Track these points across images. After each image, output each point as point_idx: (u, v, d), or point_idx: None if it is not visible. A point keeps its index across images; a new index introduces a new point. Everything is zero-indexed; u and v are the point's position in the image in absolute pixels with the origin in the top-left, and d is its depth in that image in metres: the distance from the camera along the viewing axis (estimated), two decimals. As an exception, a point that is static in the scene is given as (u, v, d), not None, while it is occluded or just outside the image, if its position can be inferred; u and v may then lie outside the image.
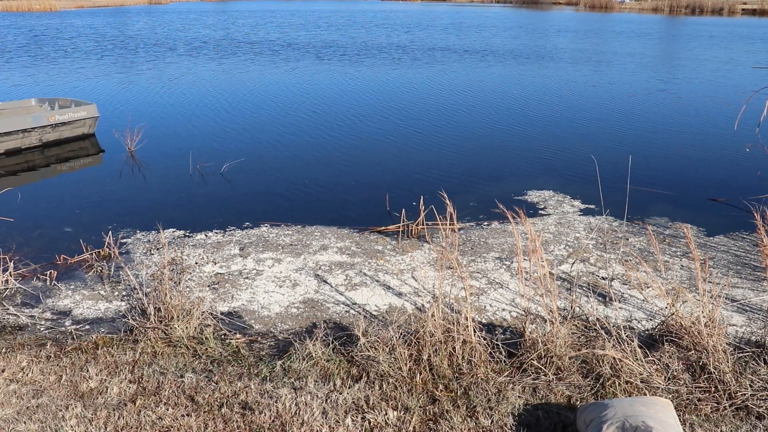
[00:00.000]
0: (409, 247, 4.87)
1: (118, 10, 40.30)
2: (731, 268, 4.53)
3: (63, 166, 7.73)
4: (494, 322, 3.69)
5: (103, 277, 4.36)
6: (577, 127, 9.83)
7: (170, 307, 3.39)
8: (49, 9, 38.25)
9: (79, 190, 6.78)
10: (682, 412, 2.69)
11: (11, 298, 3.99)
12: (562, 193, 6.31)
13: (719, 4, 47.08)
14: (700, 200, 6.32)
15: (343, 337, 3.33)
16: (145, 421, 2.64)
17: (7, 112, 8.43)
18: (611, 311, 3.77)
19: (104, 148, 8.34)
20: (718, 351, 2.88)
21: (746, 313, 3.80)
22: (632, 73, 15.79)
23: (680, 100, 12.32)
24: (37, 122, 8.01)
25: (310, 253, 4.73)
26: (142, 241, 5.02)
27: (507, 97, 12.37)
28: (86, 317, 3.77)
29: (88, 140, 8.58)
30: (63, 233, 5.34)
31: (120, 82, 13.35)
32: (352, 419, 2.64)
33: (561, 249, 4.84)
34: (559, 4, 56.05)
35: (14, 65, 15.81)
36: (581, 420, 2.49)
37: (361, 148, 8.34)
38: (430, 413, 2.71)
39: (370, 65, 16.64)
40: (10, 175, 7.24)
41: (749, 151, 7.40)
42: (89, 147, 8.37)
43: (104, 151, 8.26)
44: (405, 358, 2.98)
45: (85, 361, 3.13)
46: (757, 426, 2.62)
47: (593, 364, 2.97)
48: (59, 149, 8.20)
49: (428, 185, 6.43)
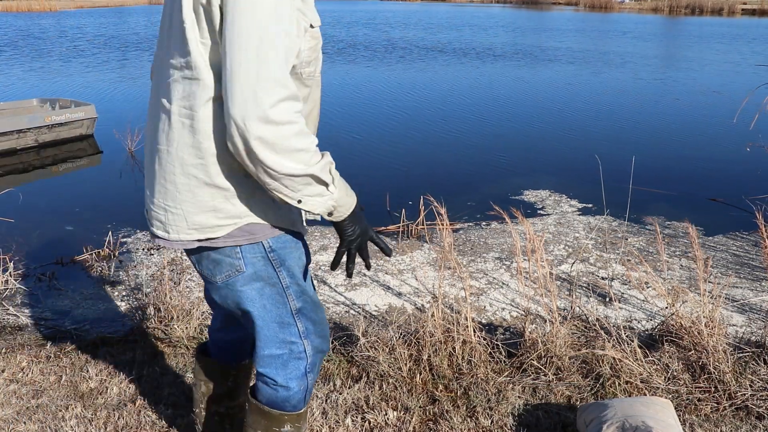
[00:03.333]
0: (409, 247, 4.87)
1: (118, 10, 40.32)
2: (731, 267, 4.53)
3: (61, 166, 7.73)
4: (494, 322, 3.69)
5: (103, 277, 4.36)
6: (576, 126, 9.84)
7: (170, 307, 3.39)
8: (49, 9, 38.26)
9: (79, 191, 6.79)
10: (682, 412, 2.70)
11: (11, 298, 3.99)
12: (562, 193, 6.32)
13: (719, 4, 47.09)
14: (700, 200, 6.33)
15: (343, 337, 3.33)
16: (145, 421, 2.64)
17: (6, 112, 8.38)
18: (611, 311, 3.77)
19: (104, 149, 8.33)
20: (718, 351, 2.88)
21: (746, 313, 3.80)
22: (632, 73, 15.80)
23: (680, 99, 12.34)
24: (33, 123, 7.94)
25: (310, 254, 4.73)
26: (142, 241, 5.03)
27: (507, 97, 12.37)
28: (86, 317, 3.78)
29: (87, 141, 8.55)
30: (63, 233, 5.34)
31: (120, 83, 13.35)
32: (351, 419, 2.64)
33: (561, 249, 4.85)
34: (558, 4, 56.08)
35: (14, 65, 15.82)
36: (581, 420, 2.49)
37: (361, 147, 8.35)
38: (430, 413, 2.71)
39: (370, 65, 16.65)
40: (8, 175, 7.24)
41: (749, 151, 7.40)
42: (87, 148, 8.36)
43: (103, 152, 8.25)
44: (405, 358, 2.98)
45: (85, 361, 3.13)
46: (757, 426, 2.62)
47: (593, 364, 2.98)
48: (56, 150, 8.16)
49: (428, 185, 6.43)
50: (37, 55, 17.67)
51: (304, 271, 1.83)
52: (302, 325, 1.82)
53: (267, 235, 1.70)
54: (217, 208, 1.61)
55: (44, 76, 14.22)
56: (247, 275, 1.72)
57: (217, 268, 1.73)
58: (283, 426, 1.90)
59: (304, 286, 1.82)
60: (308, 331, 1.84)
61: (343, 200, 1.66)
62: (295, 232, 1.78)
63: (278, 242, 1.73)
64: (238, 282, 1.73)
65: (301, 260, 1.81)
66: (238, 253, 1.68)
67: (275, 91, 1.44)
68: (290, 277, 1.77)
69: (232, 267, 1.71)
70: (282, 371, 1.84)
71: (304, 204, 1.58)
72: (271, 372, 1.84)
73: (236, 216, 1.63)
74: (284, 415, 1.88)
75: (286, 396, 1.86)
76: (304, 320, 1.83)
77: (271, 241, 1.71)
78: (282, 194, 1.55)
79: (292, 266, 1.78)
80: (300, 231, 1.80)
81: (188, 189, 1.60)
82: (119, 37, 22.90)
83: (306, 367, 1.86)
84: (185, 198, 1.61)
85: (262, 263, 1.72)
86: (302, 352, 1.84)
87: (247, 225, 1.65)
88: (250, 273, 1.72)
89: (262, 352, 1.82)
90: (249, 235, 1.67)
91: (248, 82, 1.41)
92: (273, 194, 1.56)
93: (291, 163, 1.49)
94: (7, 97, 10.71)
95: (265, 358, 1.83)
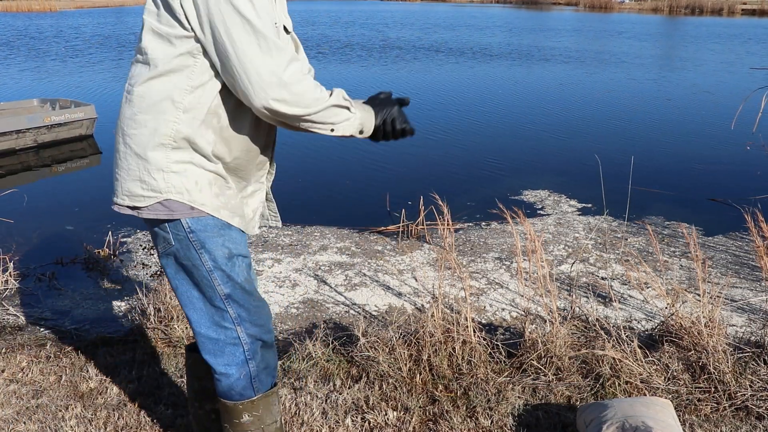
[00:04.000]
0: (409, 248, 4.87)
1: (118, 10, 40.30)
2: (731, 268, 4.54)
3: (61, 166, 7.72)
4: (494, 323, 3.69)
5: (103, 277, 4.36)
6: (575, 126, 9.84)
7: (170, 307, 3.39)
8: (48, 9, 38.25)
9: (79, 191, 6.79)
10: (682, 412, 2.70)
11: (11, 298, 3.99)
12: (561, 193, 6.32)
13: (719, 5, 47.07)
14: (699, 200, 6.33)
15: (343, 337, 3.33)
16: (145, 421, 2.64)
17: (6, 113, 8.35)
18: (611, 311, 3.77)
19: (103, 149, 8.32)
20: (718, 351, 2.88)
21: (746, 313, 3.80)
22: (631, 73, 15.80)
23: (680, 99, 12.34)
24: (32, 123, 7.91)
25: (310, 254, 4.73)
26: (142, 241, 5.02)
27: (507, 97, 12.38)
28: (86, 317, 3.78)
29: (86, 141, 8.53)
30: (63, 233, 5.34)
31: (121, 83, 13.33)
32: (351, 419, 2.64)
33: (561, 249, 4.85)
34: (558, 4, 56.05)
35: (14, 65, 15.81)
36: (581, 420, 2.49)
37: (361, 147, 8.35)
38: (430, 413, 2.71)
39: (370, 65, 16.65)
40: (8, 175, 7.24)
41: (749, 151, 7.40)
42: (87, 148, 8.35)
43: (102, 153, 8.24)
44: (405, 358, 2.98)
45: (85, 361, 3.13)
46: (757, 426, 2.62)
47: (593, 365, 2.98)
48: (55, 150, 8.13)
49: (429, 185, 6.42)
50: (37, 55, 17.67)
51: (232, 259, 1.86)
52: (233, 311, 1.89)
53: (185, 215, 1.79)
54: (143, 179, 1.75)
55: (44, 76, 14.22)
56: (172, 250, 1.83)
57: (156, 240, 1.86)
58: (241, 416, 1.97)
59: (230, 273, 1.86)
60: (241, 318, 1.90)
61: (365, 117, 1.85)
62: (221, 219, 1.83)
63: (198, 224, 1.80)
64: (168, 256, 1.85)
65: (224, 247, 1.85)
66: (165, 227, 1.81)
67: (282, 58, 1.64)
68: (212, 262, 1.84)
69: (165, 241, 1.83)
70: (219, 358, 1.91)
71: (337, 130, 1.78)
72: (210, 359, 1.92)
73: (157, 190, 1.75)
74: (237, 405, 1.95)
75: (228, 384, 1.93)
76: (235, 306, 1.89)
77: (190, 222, 1.80)
78: (316, 129, 1.76)
79: (214, 251, 1.83)
80: (224, 219, 1.84)
81: (124, 157, 1.77)
82: (119, 38, 22.90)
83: (245, 353, 1.91)
84: (122, 165, 1.78)
85: (184, 242, 1.81)
86: (236, 338, 1.90)
87: (167, 201, 1.76)
88: (176, 248, 1.83)
89: (196, 331, 1.91)
90: (168, 211, 1.78)
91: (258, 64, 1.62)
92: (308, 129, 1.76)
93: (314, 106, 1.70)
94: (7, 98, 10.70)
95: (200, 339, 1.91)
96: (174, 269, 1.86)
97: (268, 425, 2.00)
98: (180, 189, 1.75)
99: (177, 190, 1.75)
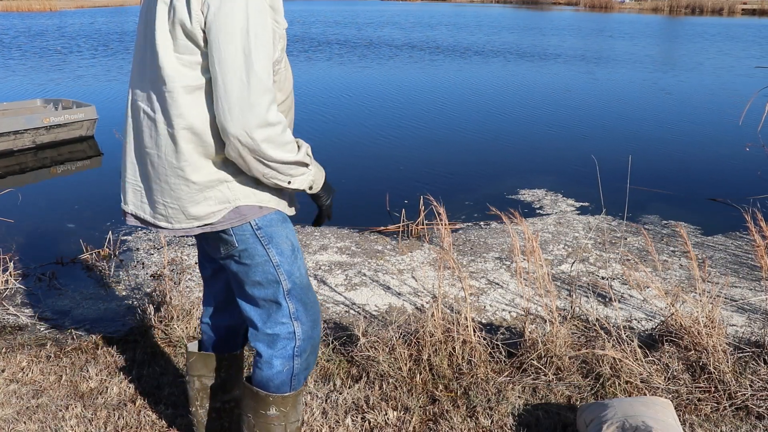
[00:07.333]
0: (409, 247, 4.87)
1: (118, 10, 40.31)
2: (730, 267, 4.54)
3: (61, 167, 7.71)
4: (494, 322, 3.69)
5: (103, 277, 4.36)
6: (574, 126, 9.84)
7: (170, 307, 3.39)
8: (48, 9, 38.26)
9: (79, 191, 6.79)
10: (682, 412, 2.70)
11: (11, 298, 3.99)
12: (560, 193, 6.32)
13: (719, 4, 47.07)
14: (699, 200, 6.33)
15: (343, 337, 3.33)
16: (145, 421, 2.64)
17: (8, 113, 8.30)
18: (611, 311, 3.77)
19: (104, 150, 8.31)
20: (718, 351, 2.88)
21: (746, 313, 3.80)
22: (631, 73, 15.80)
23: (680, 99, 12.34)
24: (30, 124, 7.83)
25: (310, 253, 4.73)
26: (142, 241, 5.03)
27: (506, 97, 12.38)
28: (86, 317, 3.78)
29: (86, 142, 8.49)
30: (63, 233, 5.34)
31: (121, 83, 13.34)
32: (352, 419, 2.64)
33: (560, 249, 4.85)
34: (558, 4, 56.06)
35: (14, 66, 15.81)
36: (581, 420, 2.49)
37: (361, 147, 8.35)
38: (430, 413, 2.71)
39: (368, 64, 16.65)
40: (8, 176, 7.24)
41: (749, 151, 7.40)
42: (87, 149, 8.32)
43: (103, 154, 8.22)
44: (405, 358, 2.98)
45: (85, 361, 3.14)
46: (757, 426, 2.62)
47: (593, 364, 2.98)
48: (54, 151, 8.09)
49: (429, 185, 6.43)
50: (37, 55, 17.66)
51: (294, 253, 1.95)
52: (293, 306, 1.94)
53: (255, 215, 1.87)
54: (207, 197, 1.82)
55: (44, 76, 14.21)
56: (236, 252, 1.89)
57: (217, 245, 1.92)
58: (269, 408, 1.99)
59: (294, 265, 1.94)
60: (298, 313, 1.95)
61: (318, 175, 1.93)
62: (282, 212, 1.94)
63: (264, 220, 1.88)
64: (229, 258, 1.92)
65: (288, 240, 1.93)
66: (229, 231, 1.87)
67: (266, 97, 1.68)
68: (279, 255, 1.91)
69: (227, 244, 1.89)
70: (270, 348, 1.96)
71: (293, 183, 1.84)
72: (259, 347, 1.97)
73: (225, 201, 1.83)
74: (269, 396, 1.98)
75: (269, 375, 1.96)
76: (294, 301, 1.94)
77: (258, 220, 1.87)
78: (276, 179, 1.80)
79: (281, 244, 1.91)
80: (286, 212, 1.95)
81: (178, 187, 1.81)
82: (120, 37, 22.90)
83: (294, 349, 1.96)
84: (179, 195, 1.82)
85: (250, 241, 1.88)
86: (291, 333, 1.95)
87: (237, 208, 1.84)
88: (239, 250, 1.88)
89: (254, 326, 1.96)
90: (240, 216, 1.85)
91: (242, 96, 1.65)
92: (267, 181, 1.81)
93: (286, 153, 1.77)
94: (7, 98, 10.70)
95: (257, 334, 1.97)
96: (235, 269, 1.93)
97: (291, 423, 2.03)
98: (246, 192, 1.84)
99: (244, 194, 1.83)
